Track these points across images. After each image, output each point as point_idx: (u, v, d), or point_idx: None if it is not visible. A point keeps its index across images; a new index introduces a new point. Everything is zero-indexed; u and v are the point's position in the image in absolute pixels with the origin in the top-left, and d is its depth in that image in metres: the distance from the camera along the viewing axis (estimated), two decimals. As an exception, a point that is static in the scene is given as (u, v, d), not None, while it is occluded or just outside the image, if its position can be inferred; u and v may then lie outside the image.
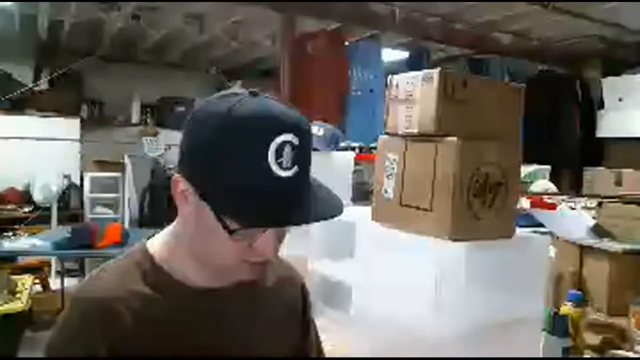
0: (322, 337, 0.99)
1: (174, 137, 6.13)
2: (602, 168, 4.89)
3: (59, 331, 0.74)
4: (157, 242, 0.81)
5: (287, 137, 0.67)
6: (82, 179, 6.17)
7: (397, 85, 1.40)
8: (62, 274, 4.38)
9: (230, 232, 0.68)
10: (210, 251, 0.72)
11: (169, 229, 0.81)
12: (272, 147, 0.65)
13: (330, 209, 0.71)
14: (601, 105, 5.76)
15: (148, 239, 0.82)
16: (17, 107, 5.99)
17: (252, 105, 0.68)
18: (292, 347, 0.88)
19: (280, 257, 0.93)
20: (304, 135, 0.69)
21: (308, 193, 0.70)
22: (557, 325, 1.84)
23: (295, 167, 0.67)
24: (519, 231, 1.40)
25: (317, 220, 0.69)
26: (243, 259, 0.72)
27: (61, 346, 0.73)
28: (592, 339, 1.97)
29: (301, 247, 2.03)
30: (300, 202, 0.68)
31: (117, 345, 0.71)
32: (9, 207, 5.66)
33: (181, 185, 0.71)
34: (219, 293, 0.78)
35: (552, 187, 4.29)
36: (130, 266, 0.78)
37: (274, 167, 0.66)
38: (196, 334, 0.75)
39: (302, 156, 0.68)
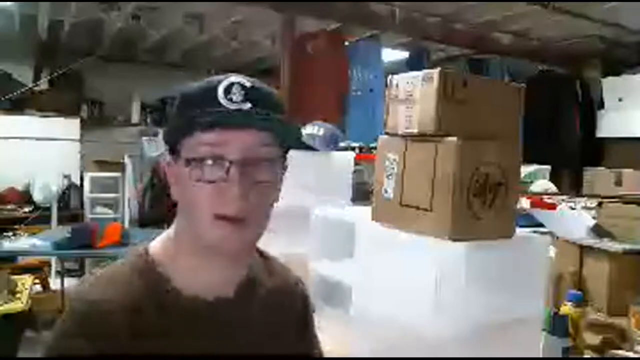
0: (322, 337, 0.99)
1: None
2: (602, 168, 4.89)
3: (55, 334, 0.73)
4: (157, 245, 0.80)
5: (236, 79, 0.73)
6: (82, 179, 6.17)
7: (397, 85, 1.40)
8: (62, 274, 4.37)
9: (187, 162, 0.71)
10: (193, 217, 0.73)
11: (168, 232, 0.80)
12: (221, 86, 0.72)
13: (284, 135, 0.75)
14: (601, 105, 5.76)
15: (149, 242, 0.81)
16: (17, 107, 5.99)
17: None
18: (292, 354, 0.87)
19: (279, 261, 0.93)
20: (259, 84, 0.75)
21: (262, 124, 0.73)
22: (557, 325, 1.84)
23: (249, 103, 0.72)
24: (519, 231, 1.40)
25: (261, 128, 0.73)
26: (215, 213, 0.71)
27: (57, 348, 0.72)
28: (592, 339, 1.98)
29: (301, 246, 2.04)
30: (248, 122, 0.72)
31: (110, 350, 0.70)
32: (9, 207, 5.65)
33: (165, 166, 0.78)
34: (215, 299, 0.77)
35: (552, 187, 4.29)
36: (129, 269, 0.76)
37: (223, 101, 0.71)
38: (192, 340, 0.74)
39: (256, 96, 0.72)
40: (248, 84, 0.73)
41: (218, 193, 0.71)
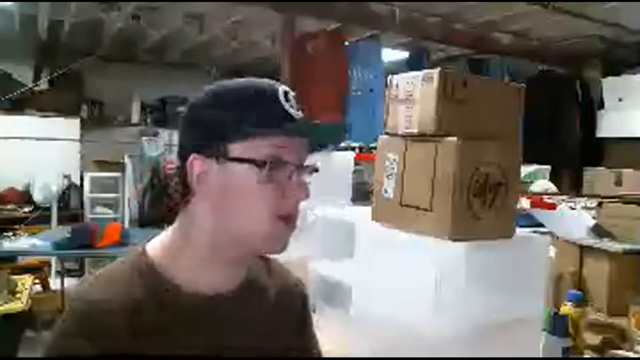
0: (322, 337, 0.99)
1: (174, 137, 6.13)
2: (602, 168, 4.89)
3: (55, 334, 0.74)
4: (156, 244, 0.80)
5: (283, 86, 0.77)
6: (82, 179, 6.18)
7: (397, 85, 1.40)
8: (62, 274, 4.37)
9: (260, 164, 0.71)
10: (242, 217, 0.74)
11: (167, 233, 0.80)
12: (281, 90, 0.75)
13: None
14: (601, 105, 5.75)
15: (148, 241, 0.82)
16: (17, 107, 5.99)
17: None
18: (291, 352, 0.87)
19: (279, 262, 0.94)
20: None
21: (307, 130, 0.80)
22: (557, 325, 1.84)
23: (301, 111, 0.76)
24: (519, 231, 1.40)
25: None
26: (277, 213, 0.73)
27: (58, 348, 0.73)
28: (592, 339, 1.98)
29: (302, 248, 2.03)
30: (304, 129, 0.78)
31: (110, 348, 0.70)
32: (9, 207, 5.66)
33: (198, 163, 0.74)
34: (215, 297, 0.77)
35: (552, 187, 4.29)
36: (128, 269, 0.77)
37: (287, 106, 0.74)
38: (191, 339, 0.74)
39: (300, 105, 0.77)
40: (293, 93, 0.77)
41: (280, 194, 0.73)
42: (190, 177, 0.74)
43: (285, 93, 0.75)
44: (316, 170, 0.78)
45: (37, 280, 4.08)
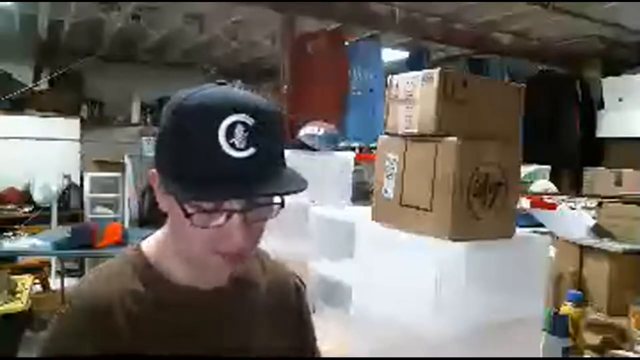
0: (322, 337, 0.99)
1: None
2: (602, 168, 4.88)
3: (55, 332, 0.75)
4: (151, 242, 0.81)
5: (240, 117, 0.65)
6: (82, 179, 6.18)
7: (397, 85, 1.40)
8: (62, 274, 4.37)
9: (187, 215, 0.66)
10: (183, 242, 0.72)
11: (162, 230, 0.82)
12: (223, 126, 0.64)
13: (289, 185, 0.68)
14: (601, 105, 5.75)
15: (143, 239, 0.83)
16: (17, 107, 5.99)
17: (208, 91, 0.69)
18: (288, 346, 0.88)
19: (275, 258, 0.94)
20: (263, 116, 0.67)
21: (266, 173, 0.67)
22: (557, 325, 1.84)
23: (252, 148, 0.65)
24: (519, 231, 1.40)
25: (269, 195, 0.69)
26: (214, 250, 0.70)
27: (54, 347, 0.74)
28: (592, 339, 1.98)
29: (301, 248, 2.03)
30: (254, 180, 0.66)
31: (111, 345, 0.71)
32: (9, 207, 5.65)
33: (156, 178, 0.72)
34: (210, 292, 0.78)
35: (552, 187, 4.29)
36: (124, 266, 0.78)
37: (225, 147, 0.64)
38: (188, 333, 0.76)
39: (259, 137, 0.66)
40: (251, 122, 0.66)
41: (218, 234, 0.69)
42: (152, 185, 0.73)
43: (231, 127, 0.65)
44: (282, 205, 0.71)
45: (37, 280, 4.07)
